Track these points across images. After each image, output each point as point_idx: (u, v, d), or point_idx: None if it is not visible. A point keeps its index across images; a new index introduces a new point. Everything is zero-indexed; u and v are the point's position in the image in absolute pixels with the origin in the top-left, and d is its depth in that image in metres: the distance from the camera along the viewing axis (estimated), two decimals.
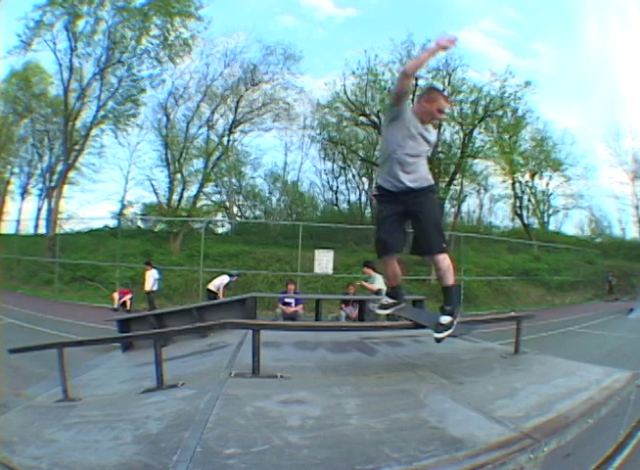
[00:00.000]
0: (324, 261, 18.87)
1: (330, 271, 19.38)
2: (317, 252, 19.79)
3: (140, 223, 28.95)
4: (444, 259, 3.38)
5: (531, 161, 30.51)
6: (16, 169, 29.75)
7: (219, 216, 31.14)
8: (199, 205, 27.97)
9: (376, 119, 24.89)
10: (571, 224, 40.08)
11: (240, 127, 28.50)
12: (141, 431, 1.95)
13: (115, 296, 17.02)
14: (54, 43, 23.45)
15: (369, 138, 28.59)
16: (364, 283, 10.02)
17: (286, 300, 11.03)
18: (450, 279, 3.48)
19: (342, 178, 32.74)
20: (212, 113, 27.60)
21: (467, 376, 3.40)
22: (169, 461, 1.53)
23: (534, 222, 34.42)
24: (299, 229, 20.69)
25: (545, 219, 35.69)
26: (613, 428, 2.78)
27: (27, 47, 23.49)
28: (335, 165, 32.20)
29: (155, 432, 1.91)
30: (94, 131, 25.70)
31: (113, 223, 27.13)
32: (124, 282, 18.82)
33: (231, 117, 27.86)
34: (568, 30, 47.44)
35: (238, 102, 27.47)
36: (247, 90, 27.52)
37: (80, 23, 23.40)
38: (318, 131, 29.69)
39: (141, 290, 16.51)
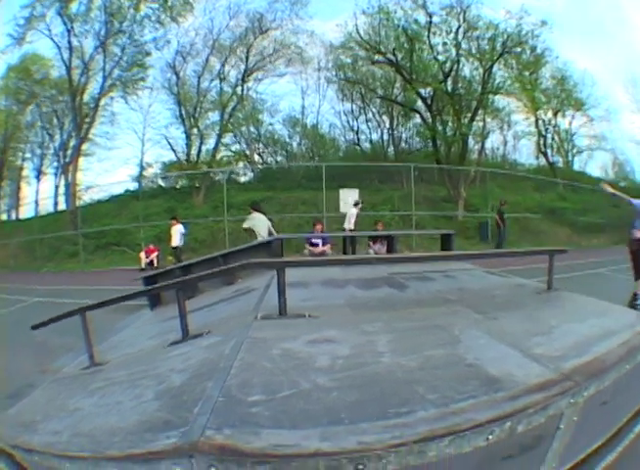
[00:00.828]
0: (349, 200, 18.52)
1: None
2: (342, 191, 19.88)
3: (161, 182, 28.98)
4: None
5: (553, 98, 29.85)
6: (27, 154, 29.90)
7: (240, 166, 30.78)
8: (218, 156, 27.94)
9: (392, 57, 24.37)
10: (595, 166, 39.07)
11: (253, 76, 28.07)
12: (164, 385, 1.83)
13: (142, 255, 17.38)
14: (49, 30, 23.61)
15: (386, 76, 27.71)
16: None
17: (313, 240, 10.97)
18: None
19: (362, 118, 31.96)
20: (223, 65, 27.23)
21: (501, 311, 3.07)
22: (190, 415, 1.42)
23: (559, 161, 33.76)
24: (322, 170, 20.56)
25: (570, 159, 34.86)
26: None
27: (21, 42, 23.68)
28: (354, 106, 31.39)
29: (177, 384, 1.78)
30: (103, 101, 25.78)
31: (133, 186, 27.27)
32: (150, 241, 18.98)
33: (242, 66, 27.40)
34: None
35: (248, 51, 27.01)
36: (255, 39, 27.01)
37: (74, 6, 23.26)
38: (334, 72, 29.01)
39: (167, 246, 16.64)
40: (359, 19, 24.92)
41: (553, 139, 33.09)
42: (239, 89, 27.57)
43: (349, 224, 15.16)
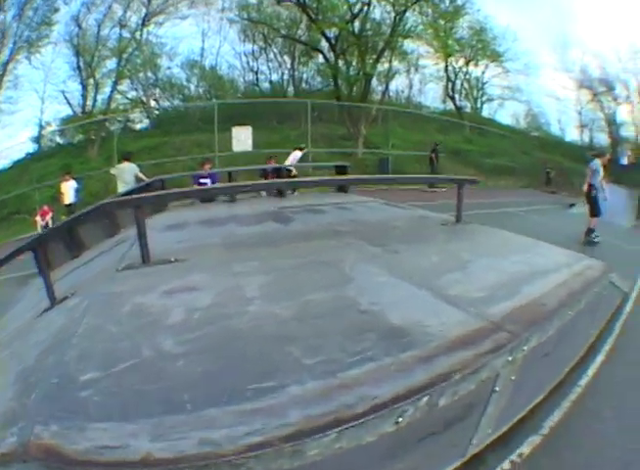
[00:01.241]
0: (242, 138, 18.12)
1: (249, 148, 18.61)
2: (235, 129, 18.98)
3: (59, 140, 26.91)
4: None
5: (467, 48, 30.45)
6: None
7: (136, 113, 29.27)
8: (114, 105, 26.42)
9: None
10: (505, 114, 40.77)
11: (154, 20, 26.55)
12: (20, 367, 1.55)
13: (38, 219, 15.91)
14: None
15: (292, 17, 26.98)
16: None
17: (201, 180, 10.13)
18: None
19: (262, 59, 31.12)
20: (125, 11, 25.46)
21: (403, 244, 3.04)
22: (26, 404, 1.16)
23: (467, 106, 34.70)
24: (215, 110, 19.80)
25: (478, 106, 35.90)
26: (585, 326, 2.49)
27: None
28: (255, 47, 30.46)
29: (30, 364, 1.51)
30: (11, 66, 23.62)
31: (33, 148, 25.05)
32: (45, 203, 17.43)
33: (144, 11, 25.89)
34: None
35: None
36: None
37: None
38: (237, 13, 27.78)
39: (61, 205, 15.40)
40: None
41: (462, 86, 33.96)
42: (138, 34, 26.24)
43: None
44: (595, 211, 10.01)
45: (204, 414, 0.96)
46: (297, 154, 15.06)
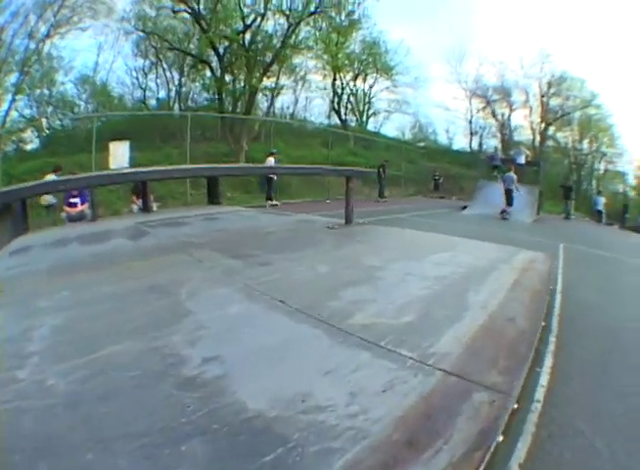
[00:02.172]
0: (119, 154, 17.44)
1: (126, 164, 17.61)
2: (112, 144, 18.22)
3: None
4: None
5: (357, 62, 31.54)
6: None
7: (29, 132, 27.48)
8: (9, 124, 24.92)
9: (195, 6, 23.17)
10: (391, 127, 42.62)
11: (60, 30, 25.39)
12: None
13: None
14: None
15: (187, 31, 26.56)
16: None
17: (71, 200, 10.00)
18: None
19: (152, 75, 30.79)
20: (37, 21, 24.31)
21: (277, 252, 2.98)
22: None
23: (352, 120, 36.12)
24: (93, 129, 19.56)
25: (364, 119, 37.52)
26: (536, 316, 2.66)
27: None
28: (147, 62, 30.03)
29: None
30: None
31: None
32: None
33: (52, 20, 24.66)
34: None
35: (61, 5, 24.52)
36: None
37: None
38: (133, 23, 26.89)
39: None
40: None
41: (349, 100, 35.43)
42: (43, 45, 25.00)
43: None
44: (510, 202, 16.05)
45: None
46: (271, 160, 15.90)
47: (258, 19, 23.84)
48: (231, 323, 1.89)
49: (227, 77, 24.56)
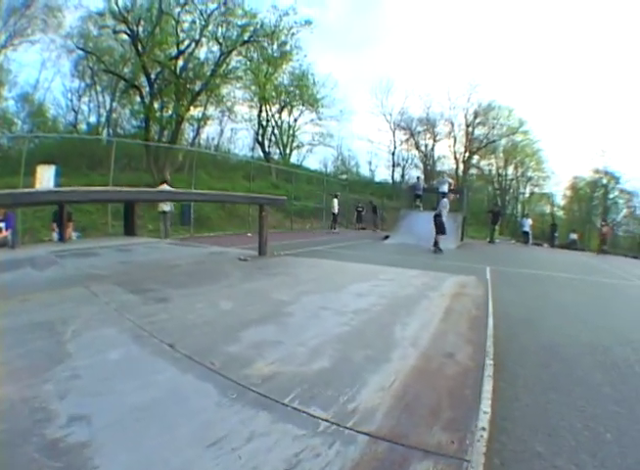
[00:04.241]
0: (45, 178, 16.82)
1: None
2: (39, 167, 17.58)
3: None
4: None
5: (284, 94, 31.67)
6: None
7: None
8: None
9: (135, 28, 22.79)
10: (314, 160, 43.50)
11: (14, 41, 24.56)
12: None
13: None
14: None
15: (124, 54, 25.82)
16: None
17: None
18: None
19: (86, 99, 30.13)
20: (1, 29, 23.49)
21: (181, 286, 2.82)
22: None
23: (276, 153, 36.32)
24: (23, 152, 18.31)
25: (288, 152, 37.79)
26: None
27: None
28: (82, 84, 29.39)
29: None
30: None
31: None
32: None
33: (12, 29, 23.96)
34: None
35: (22, 14, 23.87)
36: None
37: None
38: (76, 40, 26.04)
39: None
40: None
41: (273, 132, 35.82)
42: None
43: None
44: (441, 230, 14.48)
45: None
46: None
47: (193, 44, 24.06)
48: (108, 372, 1.62)
49: (156, 104, 24.43)
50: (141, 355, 1.73)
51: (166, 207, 14.99)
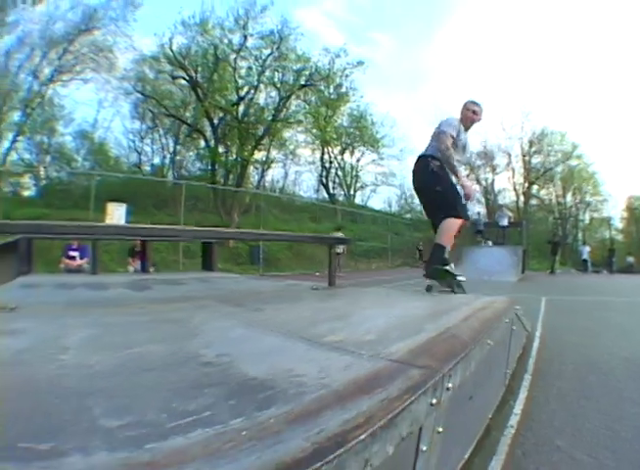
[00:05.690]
0: (116, 215, 16.85)
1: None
2: (109, 204, 17.66)
3: None
4: None
5: (345, 135, 32.03)
6: None
7: (27, 178, 26.98)
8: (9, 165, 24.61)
9: (193, 74, 23.74)
10: (378, 200, 43.30)
11: (62, 77, 25.05)
12: None
13: None
14: None
15: (184, 98, 26.54)
16: None
17: (70, 252, 10.44)
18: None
19: (148, 140, 30.95)
20: (42, 60, 23.87)
21: (268, 304, 3.04)
22: None
23: (341, 195, 36.42)
24: (92, 189, 19.82)
25: (352, 193, 37.83)
26: (500, 363, 2.58)
27: None
28: (143, 125, 30.23)
29: None
30: None
31: None
32: None
33: (57, 63, 24.40)
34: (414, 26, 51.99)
35: (67, 48, 24.18)
36: (80, 35, 24.18)
37: None
38: (133, 83, 26.66)
39: None
40: (178, 29, 23.94)
41: (336, 174, 36.03)
42: (46, 89, 24.66)
43: None
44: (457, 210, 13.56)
45: None
46: None
47: (252, 91, 24.61)
48: (231, 340, 1.96)
49: (220, 148, 25.10)
50: (252, 334, 2.02)
51: None
